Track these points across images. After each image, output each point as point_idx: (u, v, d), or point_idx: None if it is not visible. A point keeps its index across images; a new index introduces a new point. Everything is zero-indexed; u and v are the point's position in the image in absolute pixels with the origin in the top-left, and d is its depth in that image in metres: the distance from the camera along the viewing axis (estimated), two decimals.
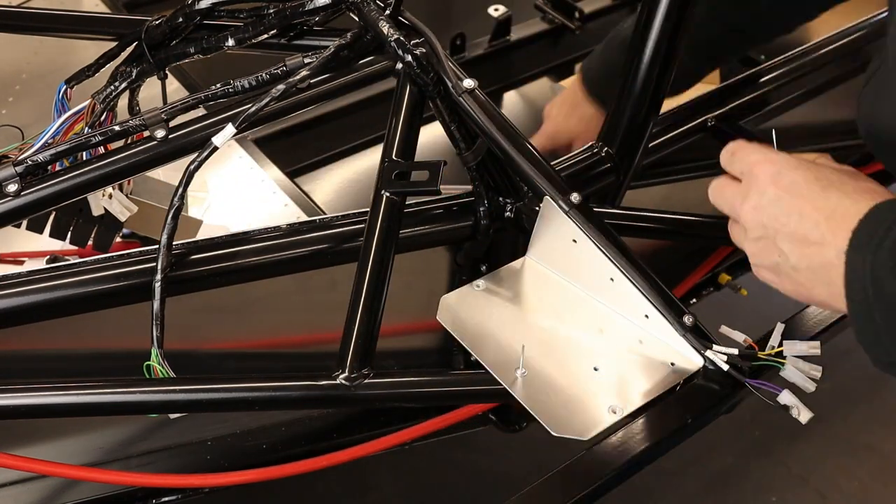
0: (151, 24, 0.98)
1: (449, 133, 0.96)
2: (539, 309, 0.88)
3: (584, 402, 0.82)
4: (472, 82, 0.94)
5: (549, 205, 0.90)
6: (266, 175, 1.30)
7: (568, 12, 1.76)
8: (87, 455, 1.02)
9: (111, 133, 0.91)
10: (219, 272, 0.92)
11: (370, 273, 0.87)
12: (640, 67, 1.06)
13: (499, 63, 1.71)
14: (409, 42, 0.92)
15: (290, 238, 0.95)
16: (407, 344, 1.20)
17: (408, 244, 0.98)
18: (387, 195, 0.89)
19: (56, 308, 0.89)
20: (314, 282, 1.11)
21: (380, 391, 0.85)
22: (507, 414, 1.17)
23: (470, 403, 1.05)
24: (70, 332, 1.07)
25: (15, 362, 1.07)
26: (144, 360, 0.84)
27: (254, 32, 0.97)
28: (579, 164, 1.11)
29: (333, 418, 1.09)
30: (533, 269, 0.93)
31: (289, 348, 1.18)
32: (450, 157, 0.95)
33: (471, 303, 0.90)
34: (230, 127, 0.88)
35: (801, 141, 1.55)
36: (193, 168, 0.87)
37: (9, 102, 1.44)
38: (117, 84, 0.98)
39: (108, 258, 0.91)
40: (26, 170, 0.89)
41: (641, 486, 1.74)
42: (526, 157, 0.92)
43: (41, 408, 0.83)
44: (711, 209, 0.88)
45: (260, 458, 1.04)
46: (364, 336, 0.84)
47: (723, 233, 1.16)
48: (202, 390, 0.84)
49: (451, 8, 1.90)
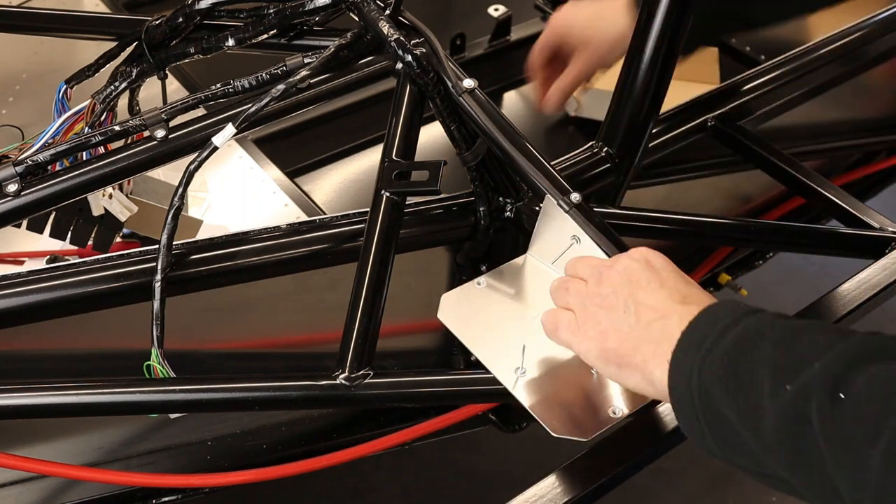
0: (151, 24, 0.99)
1: (449, 133, 0.96)
2: (540, 308, 0.88)
3: (584, 403, 0.82)
4: (472, 82, 0.94)
5: (549, 204, 0.90)
6: (266, 175, 1.30)
7: None
8: (87, 455, 1.03)
9: (111, 133, 0.91)
10: (219, 272, 0.92)
11: (370, 273, 0.87)
12: (640, 67, 1.06)
13: (499, 63, 1.71)
14: (409, 42, 0.92)
15: (290, 238, 0.95)
16: (407, 344, 1.20)
17: (408, 244, 0.98)
18: (387, 195, 0.89)
19: (56, 308, 0.89)
20: (314, 282, 1.10)
21: (380, 391, 0.85)
22: (507, 414, 1.17)
23: (470, 403, 1.05)
24: (70, 332, 1.07)
25: (15, 362, 1.07)
26: (144, 360, 0.84)
27: (254, 32, 0.97)
28: (579, 164, 1.11)
29: (333, 418, 1.09)
30: (534, 267, 0.93)
31: (289, 348, 1.18)
32: (450, 157, 0.95)
33: (471, 301, 0.90)
34: (230, 127, 0.88)
35: (801, 141, 1.55)
36: (193, 168, 0.87)
37: (9, 102, 1.44)
38: (117, 84, 0.98)
39: (108, 258, 0.91)
40: (26, 170, 0.89)
41: (641, 486, 1.74)
42: (526, 157, 0.92)
43: (41, 408, 0.83)
44: (711, 209, 0.88)
45: (260, 458, 1.04)
46: (364, 336, 0.84)
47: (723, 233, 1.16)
48: (202, 390, 0.84)
49: (451, 8, 1.90)
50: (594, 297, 0.79)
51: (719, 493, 1.80)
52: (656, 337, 0.74)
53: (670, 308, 0.75)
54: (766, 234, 1.23)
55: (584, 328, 0.79)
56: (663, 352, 0.73)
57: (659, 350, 0.73)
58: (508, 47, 1.71)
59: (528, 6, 1.78)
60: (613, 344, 0.76)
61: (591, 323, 0.78)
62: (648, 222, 1.13)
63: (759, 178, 1.32)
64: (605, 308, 0.78)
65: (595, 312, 0.78)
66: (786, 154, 1.27)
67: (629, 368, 0.76)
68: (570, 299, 0.81)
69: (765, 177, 1.29)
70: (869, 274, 1.09)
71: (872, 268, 1.10)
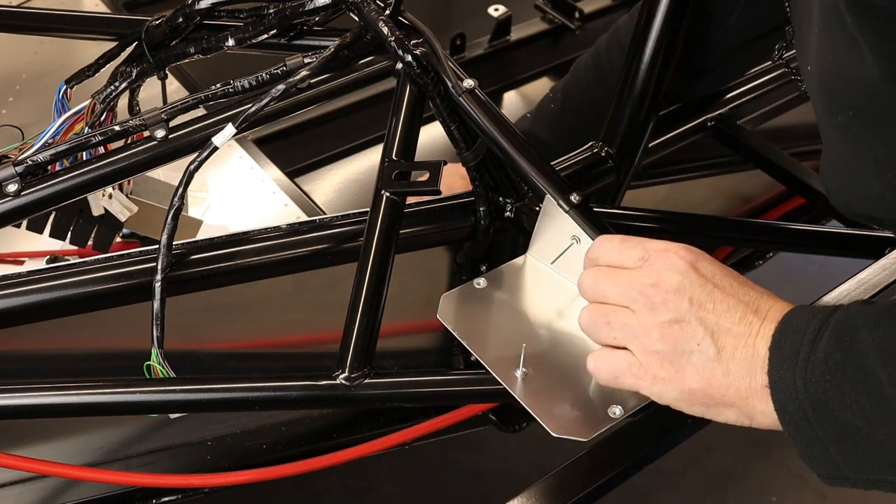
0: (151, 24, 0.98)
1: (449, 133, 0.96)
2: (540, 308, 0.88)
3: (584, 403, 0.82)
4: (472, 82, 0.94)
5: (549, 204, 0.90)
6: (266, 175, 1.30)
7: (568, 12, 1.77)
8: (87, 455, 1.02)
9: (111, 133, 0.91)
10: (219, 272, 0.92)
11: (370, 273, 0.87)
12: (640, 67, 1.06)
13: (499, 63, 1.71)
14: (409, 42, 0.92)
15: (290, 238, 0.95)
16: (407, 344, 1.20)
17: (408, 244, 0.98)
18: (387, 195, 0.89)
19: (56, 308, 0.89)
20: (314, 282, 1.11)
21: (380, 391, 0.85)
22: (507, 414, 1.17)
23: (470, 403, 1.05)
24: (70, 332, 1.07)
25: (15, 362, 1.07)
26: (144, 360, 0.84)
27: (254, 32, 0.97)
28: (579, 164, 1.11)
29: (333, 418, 1.09)
30: (534, 267, 0.93)
31: (289, 348, 1.18)
32: (450, 157, 0.95)
33: (471, 301, 0.90)
34: (230, 127, 0.88)
35: (801, 141, 1.55)
36: (193, 168, 0.87)
37: (9, 102, 1.44)
38: (117, 84, 0.98)
39: (108, 258, 0.91)
40: (26, 170, 0.89)
41: (641, 486, 1.74)
42: (526, 157, 0.92)
43: (41, 408, 0.83)
44: (711, 209, 0.88)
45: (260, 458, 1.04)
46: (364, 336, 0.84)
47: (723, 233, 1.16)
48: (202, 390, 0.84)
49: (451, 8, 1.90)
50: (651, 330, 0.70)
51: (719, 493, 1.80)
52: (746, 366, 0.67)
53: (748, 326, 0.68)
54: (766, 234, 1.23)
55: (652, 369, 0.70)
56: (759, 380, 0.66)
57: (754, 381, 0.67)
58: (508, 47, 1.72)
59: (528, 6, 1.78)
60: (697, 384, 0.68)
61: (659, 362, 0.70)
62: (648, 222, 1.13)
63: (759, 178, 1.32)
64: (671, 341, 0.69)
65: (660, 349, 0.69)
66: (786, 154, 1.27)
67: (722, 406, 0.69)
68: (618, 335, 0.72)
69: (765, 177, 1.29)
70: (869, 274, 1.09)
71: (872, 268, 1.09)
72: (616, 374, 0.72)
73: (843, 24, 0.67)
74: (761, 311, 0.69)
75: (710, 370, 0.67)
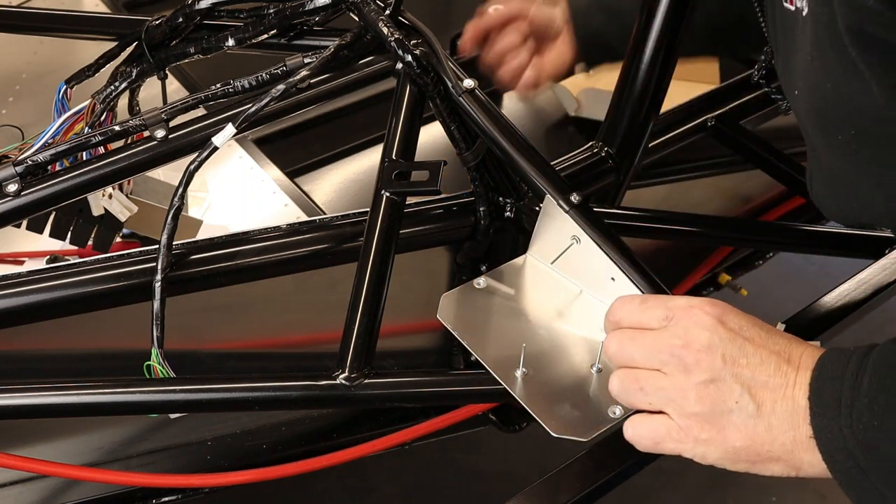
0: (151, 24, 0.99)
1: (449, 133, 0.96)
2: (539, 308, 0.88)
3: (584, 403, 0.82)
4: (472, 82, 0.94)
5: (549, 204, 0.90)
6: (266, 175, 1.30)
7: None
8: (87, 455, 1.02)
9: (111, 133, 0.91)
10: (219, 272, 0.92)
11: (370, 273, 0.87)
12: (640, 67, 1.06)
13: None
14: (409, 42, 0.92)
15: (290, 238, 0.95)
16: (407, 344, 1.20)
17: (408, 244, 0.98)
18: (387, 195, 0.89)
19: (56, 308, 0.89)
20: (314, 282, 1.11)
21: (380, 391, 0.85)
22: (506, 414, 1.17)
23: (470, 403, 1.05)
24: (70, 332, 1.07)
25: (15, 362, 1.07)
26: (144, 360, 0.84)
27: (254, 32, 0.97)
28: (579, 164, 1.11)
29: (333, 418, 1.09)
30: (534, 267, 0.93)
31: (289, 348, 1.18)
32: (450, 157, 0.95)
33: (471, 301, 0.90)
34: (230, 127, 0.88)
35: (801, 141, 1.55)
36: (193, 168, 0.87)
37: (9, 102, 1.44)
38: (117, 84, 0.98)
39: (108, 258, 0.91)
40: (26, 170, 0.89)
41: (641, 486, 1.74)
42: (526, 157, 0.92)
43: (41, 408, 0.83)
44: (711, 209, 0.88)
45: (260, 458, 1.04)
46: (364, 336, 0.84)
47: (723, 233, 1.16)
48: (202, 390, 0.84)
49: (451, 8, 1.90)
50: (688, 392, 0.68)
51: (719, 493, 1.80)
52: (789, 419, 0.66)
53: (784, 378, 0.67)
54: (766, 234, 1.23)
55: (692, 432, 0.69)
56: (803, 431, 0.65)
57: (798, 433, 0.66)
58: None
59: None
60: (741, 442, 0.67)
61: (699, 424, 0.68)
62: (648, 222, 1.13)
63: (759, 178, 1.32)
64: (709, 402, 0.67)
65: (699, 411, 0.68)
66: (786, 154, 1.27)
67: (767, 462, 0.68)
68: (653, 399, 0.70)
69: (765, 177, 1.29)
70: (869, 274, 1.09)
71: (872, 268, 1.10)
72: (656, 440, 0.71)
73: (843, 55, 0.66)
74: (794, 360, 0.67)
75: (752, 427, 0.67)
